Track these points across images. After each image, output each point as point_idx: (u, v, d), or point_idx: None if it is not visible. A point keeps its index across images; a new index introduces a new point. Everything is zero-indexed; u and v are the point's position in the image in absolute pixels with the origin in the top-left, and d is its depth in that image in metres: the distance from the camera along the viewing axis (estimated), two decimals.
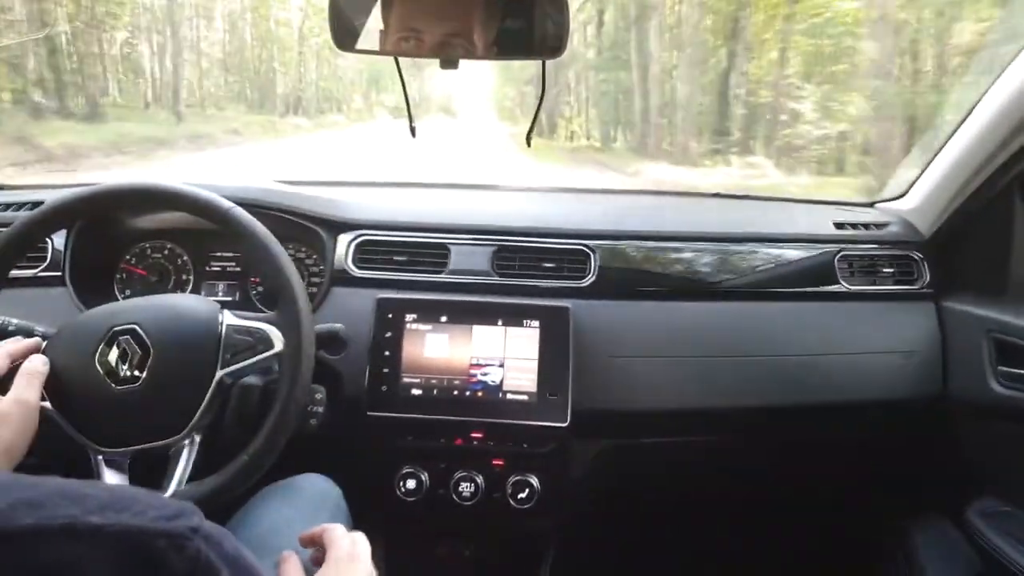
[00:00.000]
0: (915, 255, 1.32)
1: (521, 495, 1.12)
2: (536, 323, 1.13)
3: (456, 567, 1.25)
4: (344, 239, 1.23)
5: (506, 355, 1.12)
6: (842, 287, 1.27)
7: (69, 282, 1.18)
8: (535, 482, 1.12)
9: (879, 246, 1.32)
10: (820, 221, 1.36)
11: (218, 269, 1.30)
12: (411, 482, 1.12)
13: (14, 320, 0.95)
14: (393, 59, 0.91)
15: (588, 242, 1.24)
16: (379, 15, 0.90)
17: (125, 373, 0.88)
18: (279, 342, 0.93)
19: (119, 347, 0.88)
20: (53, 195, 0.97)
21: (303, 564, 0.73)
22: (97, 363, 0.88)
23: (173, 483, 0.86)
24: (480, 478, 1.12)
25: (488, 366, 1.12)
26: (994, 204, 1.24)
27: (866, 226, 1.36)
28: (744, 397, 1.20)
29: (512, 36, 0.91)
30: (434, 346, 1.13)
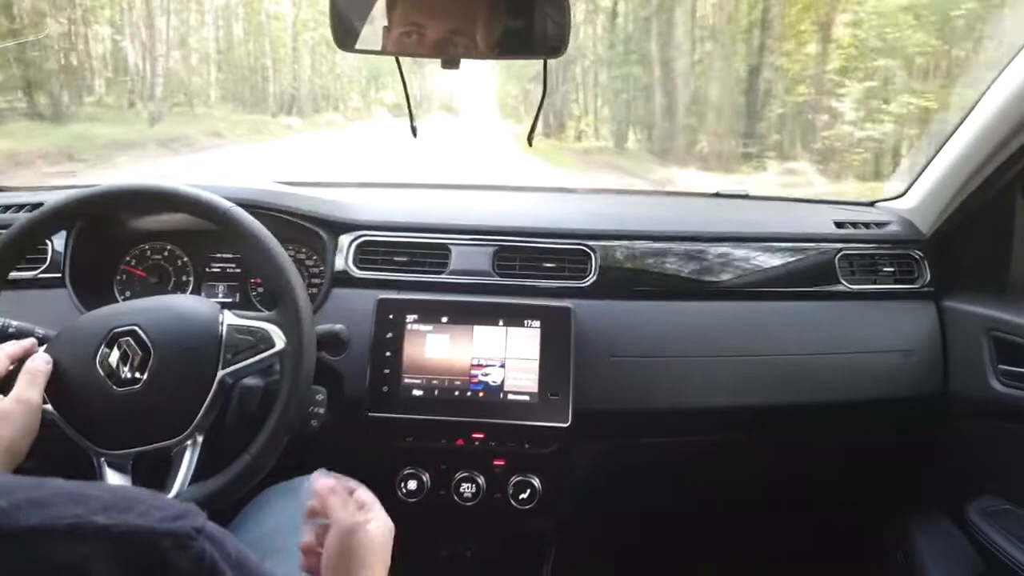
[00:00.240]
0: (915, 254, 1.32)
1: (522, 495, 1.12)
2: (537, 323, 1.13)
3: (457, 568, 1.25)
4: (345, 240, 1.23)
5: (507, 355, 1.12)
6: (843, 286, 1.27)
7: (69, 284, 1.17)
8: (536, 483, 1.12)
9: (879, 245, 1.32)
10: (821, 220, 1.36)
11: (218, 270, 1.30)
12: (412, 483, 1.11)
13: (14, 322, 0.94)
14: (394, 58, 0.91)
15: (589, 242, 1.24)
16: (381, 12, 0.90)
17: (126, 375, 0.88)
18: (280, 341, 0.92)
19: (120, 349, 0.88)
20: (53, 196, 0.96)
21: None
22: (98, 365, 0.87)
23: (176, 484, 0.86)
24: (481, 479, 1.12)
25: (489, 367, 1.12)
26: (994, 203, 1.24)
27: (866, 225, 1.36)
28: (745, 396, 1.20)
29: (513, 35, 0.91)
30: (435, 347, 1.13)
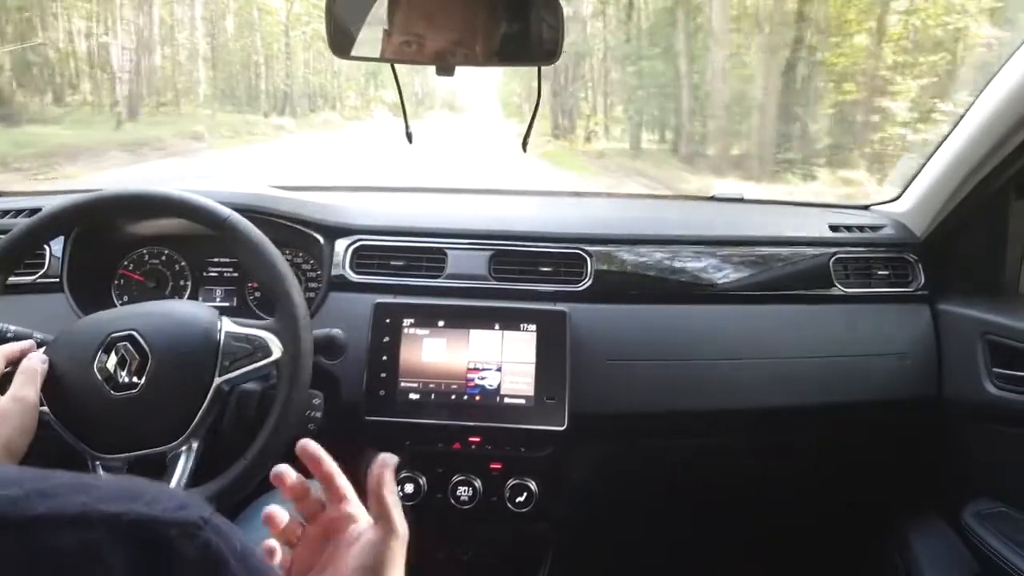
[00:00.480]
0: (910, 257, 1.33)
1: (519, 499, 1.12)
2: (533, 327, 1.14)
3: (455, 571, 1.25)
4: (341, 244, 1.24)
5: (503, 359, 1.12)
6: (837, 290, 1.28)
7: (67, 288, 1.18)
8: (533, 486, 1.12)
9: (874, 249, 1.33)
10: (815, 224, 1.36)
11: (215, 275, 1.30)
12: (409, 486, 1.12)
13: (12, 327, 0.95)
14: (391, 66, 0.91)
15: (584, 246, 1.24)
16: (380, 20, 0.90)
17: (123, 379, 0.88)
18: (277, 350, 0.93)
19: (117, 353, 0.89)
20: (51, 202, 0.97)
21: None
22: (95, 369, 0.88)
23: None
24: (478, 482, 1.12)
25: (486, 370, 1.12)
26: (988, 206, 1.25)
27: (861, 228, 1.36)
28: (741, 400, 1.20)
29: (509, 42, 0.91)
30: (432, 350, 1.13)
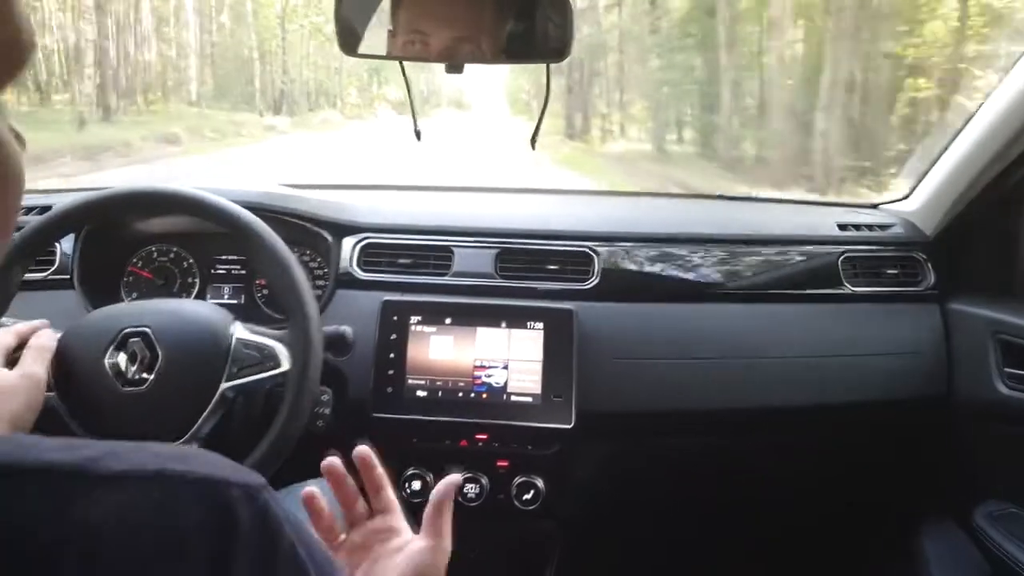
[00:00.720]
0: (919, 256, 1.31)
1: (526, 496, 1.12)
2: (540, 325, 1.14)
3: (461, 569, 1.25)
4: (349, 242, 1.24)
5: (510, 357, 1.12)
6: (846, 289, 1.27)
7: (77, 285, 1.19)
8: (540, 484, 1.12)
9: (883, 247, 1.32)
10: (824, 223, 1.36)
11: (223, 272, 1.31)
12: (416, 483, 1.12)
13: (21, 323, 0.96)
14: (399, 63, 0.91)
15: (591, 244, 1.24)
16: (386, 18, 0.90)
17: (132, 375, 0.89)
18: (286, 362, 0.93)
19: (128, 349, 0.89)
20: (61, 199, 0.98)
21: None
22: (106, 362, 0.89)
23: None
24: (485, 479, 1.12)
25: (492, 368, 1.12)
26: (999, 204, 1.24)
27: (870, 227, 1.35)
28: (749, 399, 1.19)
29: (517, 40, 0.91)
30: (439, 348, 1.13)
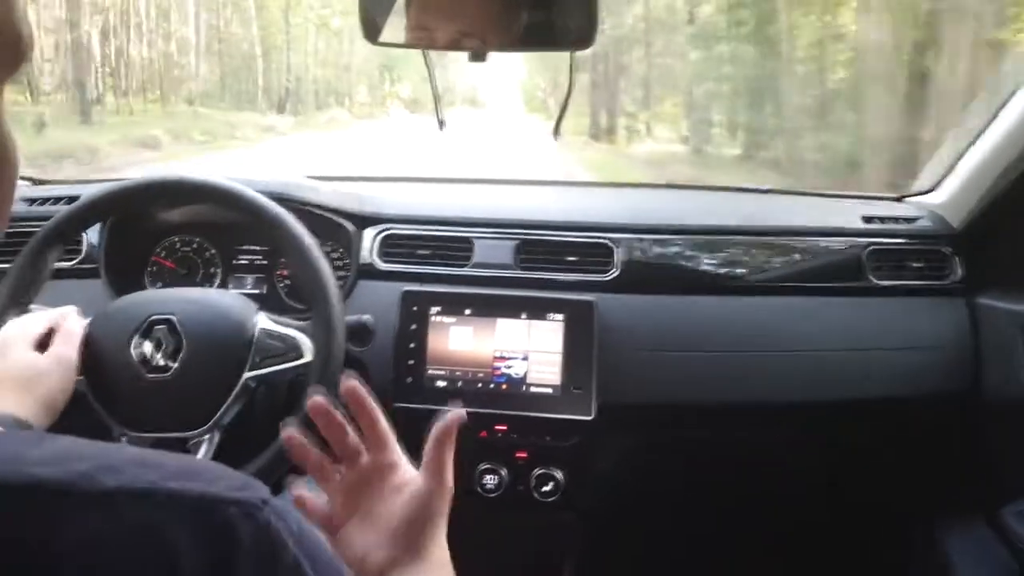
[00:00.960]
0: (946, 250, 1.29)
1: (545, 488, 1.12)
2: (560, 317, 1.13)
3: (480, 559, 1.25)
4: (370, 233, 1.25)
5: (530, 348, 1.12)
6: (871, 282, 1.25)
7: (104, 274, 1.20)
8: (559, 475, 1.12)
9: (909, 241, 1.30)
10: (848, 215, 1.34)
11: (246, 262, 1.32)
12: None
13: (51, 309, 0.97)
14: (421, 51, 0.92)
15: (611, 235, 1.23)
16: (401, 8, 0.91)
17: (158, 362, 0.90)
18: (309, 352, 0.94)
19: (155, 336, 0.91)
20: (88, 190, 0.99)
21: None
22: (132, 349, 0.90)
23: None
24: (504, 471, 1.12)
25: (512, 359, 1.12)
26: None
27: (895, 220, 1.33)
28: (770, 392, 1.18)
29: (537, 28, 0.91)
30: (459, 339, 1.14)
